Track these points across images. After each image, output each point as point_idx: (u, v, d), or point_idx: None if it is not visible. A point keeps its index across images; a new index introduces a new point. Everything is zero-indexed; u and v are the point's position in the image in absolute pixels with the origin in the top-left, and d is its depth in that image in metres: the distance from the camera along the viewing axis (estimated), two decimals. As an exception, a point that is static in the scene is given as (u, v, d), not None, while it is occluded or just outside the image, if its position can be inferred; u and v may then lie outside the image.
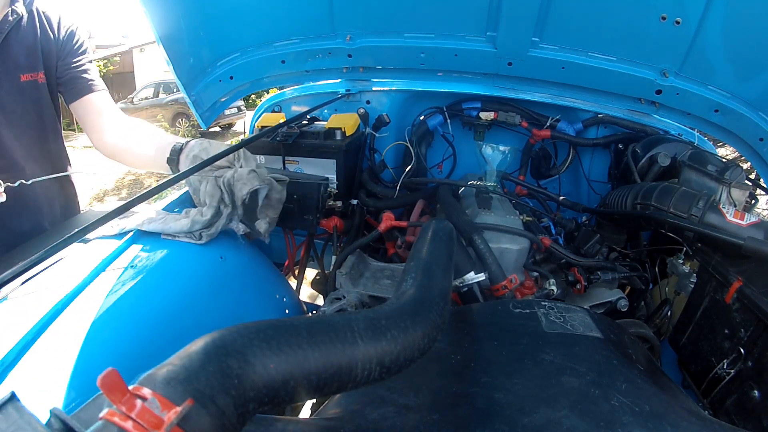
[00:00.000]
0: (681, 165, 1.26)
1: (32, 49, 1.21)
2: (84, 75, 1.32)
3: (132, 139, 1.27)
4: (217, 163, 1.09)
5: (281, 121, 1.60)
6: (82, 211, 1.53)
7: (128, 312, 0.85)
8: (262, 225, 1.15)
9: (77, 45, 1.32)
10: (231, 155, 1.10)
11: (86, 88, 1.32)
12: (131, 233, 1.01)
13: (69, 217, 1.41)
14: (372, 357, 0.44)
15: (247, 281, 1.16)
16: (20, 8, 1.18)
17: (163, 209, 1.16)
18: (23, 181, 1.02)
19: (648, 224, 1.19)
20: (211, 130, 11.43)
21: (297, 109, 1.84)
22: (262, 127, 1.64)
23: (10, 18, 1.16)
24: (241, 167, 1.11)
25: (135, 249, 0.99)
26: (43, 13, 1.25)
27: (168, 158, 1.15)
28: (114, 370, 0.30)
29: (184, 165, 1.12)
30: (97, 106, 1.33)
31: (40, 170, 1.29)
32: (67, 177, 1.43)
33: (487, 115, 1.65)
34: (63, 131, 1.40)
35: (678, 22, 1.20)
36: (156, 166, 1.24)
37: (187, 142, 1.17)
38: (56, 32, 1.27)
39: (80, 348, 0.74)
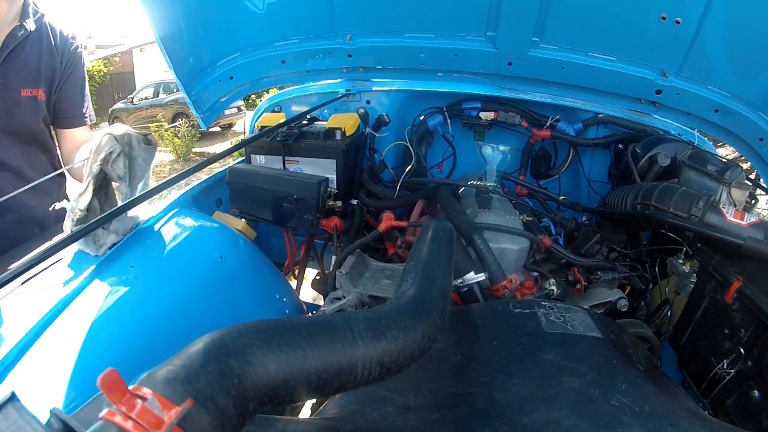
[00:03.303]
0: (681, 165, 1.26)
1: (36, 66, 1.23)
2: (75, 106, 1.36)
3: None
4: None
5: (281, 121, 1.61)
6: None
7: (128, 312, 0.85)
8: (123, 189, 0.98)
9: (77, 72, 1.35)
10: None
11: (74, 120, 1.37)
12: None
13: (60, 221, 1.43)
14: (372, 357, 0.44)
15: (247, 281, 1.16)
16: (30, 24, 1.19)
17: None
18: None
19: (648, 224, 1.19)
20: (211, 130, 11.43)
21: (297, 109, 1.84)
22: (262, 127, 1.64)
23: (18, 33, 1.17)
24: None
25: (135, 249, 0.99)
26: (52, 30, 1.27)
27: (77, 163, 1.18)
28: (114, 370, 0.30)
29: (80, 165, 1.12)
30: (77, 140, 1.39)
31: (35, 177, 1.30)
32: (62, 185, 1.46)
33: (487, 115, 1.65)
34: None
35: (678, 22, 1.20)
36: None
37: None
38: (62, 55, 1.29)
39: (80, 348, 0.74)
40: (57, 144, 1.42)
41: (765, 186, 1.41)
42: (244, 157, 1.68)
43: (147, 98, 12.40)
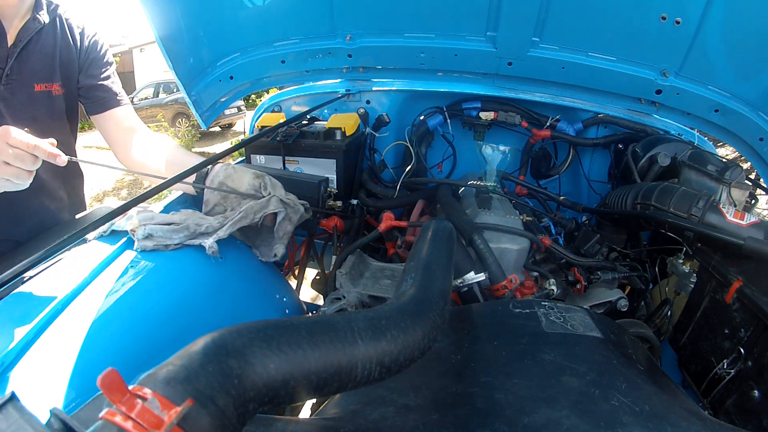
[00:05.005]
0: (681, 165, 1.26)
1: (50, 59, 1.20)
2: (108, 88, 1.31)
3: (159, 159, 1.26)
4: (243, 191, 1.12)
5: (281, 121, 1.61)
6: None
7: (128, 312, 0.85)
8: (279, 249, 1.16)
9: (101, 56, 1.31)
10: (258, 184, 1.13)
11: (110, 101, 1.31)
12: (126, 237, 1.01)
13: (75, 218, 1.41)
14: (372, 357, 0.44)
15: (247, 281, 1.16)
16: (43, 16, 1.16)
17: (161, 211, 1.16)
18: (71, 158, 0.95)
19: (648, 224, 1.19)
20: (211, 130, 11.43)
21: (297, 109, 1.84)
22: (262, 127, 1.64)
23: (32, 26, 1.14)
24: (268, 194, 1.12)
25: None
26: (66, 20, 1.24)
27: (194, 183, 1.16)
28: (114, 370, 0.30)
29: (209, 190, 1.15)
30: (122, 122, 1.32)
31: (50, 178, 1.28)
32: (78, 180, 1.44)
33: (487, 115, 1.65)
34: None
35: (678, 22, 1.20)
36: (180, 187, 1.26)
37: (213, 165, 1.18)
38: (78, 42, 1.26)
39: (80, 348, 0.74)
40: (104, 136, 1.35)
41: (765, 186, 1.41)
42: (244, 157, 1.68)
43: (147, 98, 12.40)
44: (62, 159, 0.87)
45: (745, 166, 2.23)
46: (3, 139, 0.82)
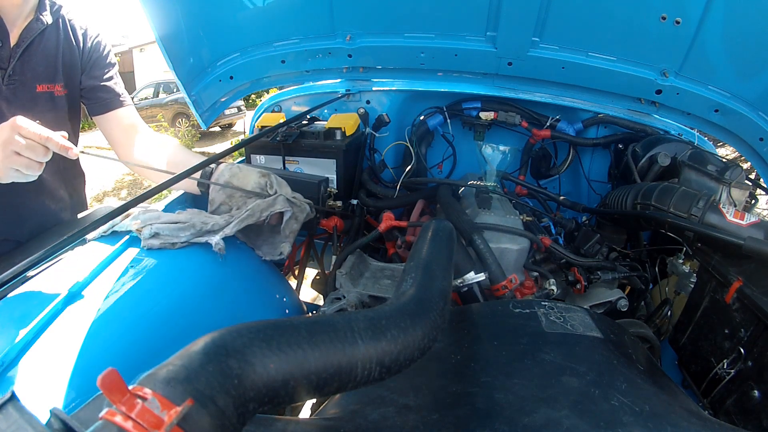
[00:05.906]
0: (681, 165, 1.26)
1: (53, 59, 1.19)
2: (110, 89, 1.31)
3: (160, 159, 1.27)
4: (249, 190, 1.12)
5: (281, 121, 1.61)
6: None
7: (128, 312, 0.85)
8: (286, 247, 1.17)
9: (103, 57, 1.31)
10: (264, 183, 1.13)
11: (113, 102, 1.31)
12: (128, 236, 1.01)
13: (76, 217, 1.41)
14: (372, 357, 0.44)
15: (247, 281, 1.16)
16: (47, 17, 1.16)
17: (162, 210, 1.16)
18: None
19: (648, 224, 1.19)
20: (211, 130, 11.44)
21: (297, 109, 1.84)
22: (262, 127, 1.64)
23: (35, 27, 1.14)
24: (274, 193, 1.12)
25: (135, 249, 0.99)
26: (70, 21, 1.24)
27: (198, 183, 1.16)
28: (114, 370, 0.30)
29: (214, 189, 1.14)
30: (124, 122, 1.33)
31: (53, 178, 1.28)
32: (79, 180, 1.44)
33: (487, 115, 1.65)
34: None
35: (678, 22, 1.20)
36: (185, 186, 1.27)
37: (218, 165, 1.18)
38: (81, 43, 1.26)
39: (80, 348, 0.74)
40: (106, 136, 1.35)
41: (765, 186, 1.41)
42: (244, 157, 1.68)
43: (147, 98, 12.40)
44: (74, 152, 0.87)
45: (745, 166, 2.23)
46: (15, 130, 0.83)
